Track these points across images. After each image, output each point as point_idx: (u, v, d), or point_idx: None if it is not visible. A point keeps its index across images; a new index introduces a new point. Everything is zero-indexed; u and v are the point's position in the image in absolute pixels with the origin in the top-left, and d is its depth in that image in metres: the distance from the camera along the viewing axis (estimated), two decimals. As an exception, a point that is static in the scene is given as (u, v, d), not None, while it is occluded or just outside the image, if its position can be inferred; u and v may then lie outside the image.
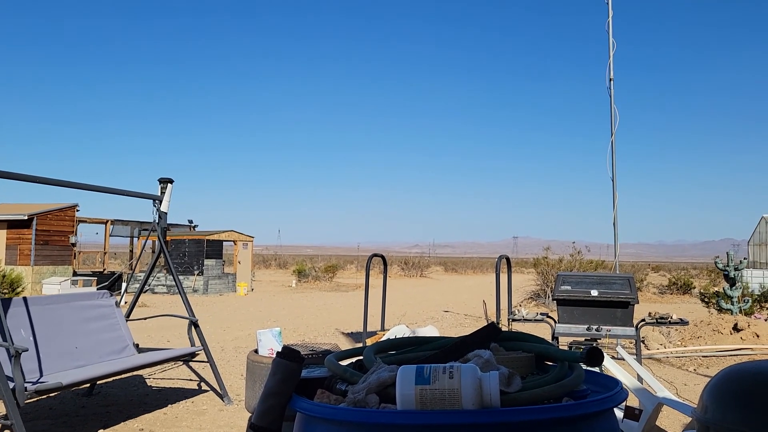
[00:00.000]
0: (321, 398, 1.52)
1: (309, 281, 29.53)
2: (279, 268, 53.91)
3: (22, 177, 4.71)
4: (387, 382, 1.42)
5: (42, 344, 4.83)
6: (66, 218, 20.92)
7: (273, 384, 1.55)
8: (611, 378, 1.59)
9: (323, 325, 12.22)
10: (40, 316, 4.97)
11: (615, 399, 1.36)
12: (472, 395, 1.26)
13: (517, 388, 1.36)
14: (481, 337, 1.70)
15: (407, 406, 1.29)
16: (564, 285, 6.16)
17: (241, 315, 14.27)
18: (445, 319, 14.27)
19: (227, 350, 8.85)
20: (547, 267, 18.92)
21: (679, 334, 9.92)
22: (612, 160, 8.82)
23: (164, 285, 21.32)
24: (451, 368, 1.31)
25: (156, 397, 5.91)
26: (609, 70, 8.75)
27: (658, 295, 23.47)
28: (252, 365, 4.53)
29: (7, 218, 19.61)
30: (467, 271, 59.00)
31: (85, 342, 5.23)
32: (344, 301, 19.31)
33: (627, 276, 6.18)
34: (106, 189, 5.63)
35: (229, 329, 11.40)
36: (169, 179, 6.25)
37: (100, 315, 5.56)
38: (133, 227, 24.04)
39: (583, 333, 5.88)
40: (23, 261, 19.57)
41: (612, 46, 8.78)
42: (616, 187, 8.94)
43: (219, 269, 22.78)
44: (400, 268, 43.04)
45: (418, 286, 30.28)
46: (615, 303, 5.99)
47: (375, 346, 1.78)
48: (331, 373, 1.63)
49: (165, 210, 6.23)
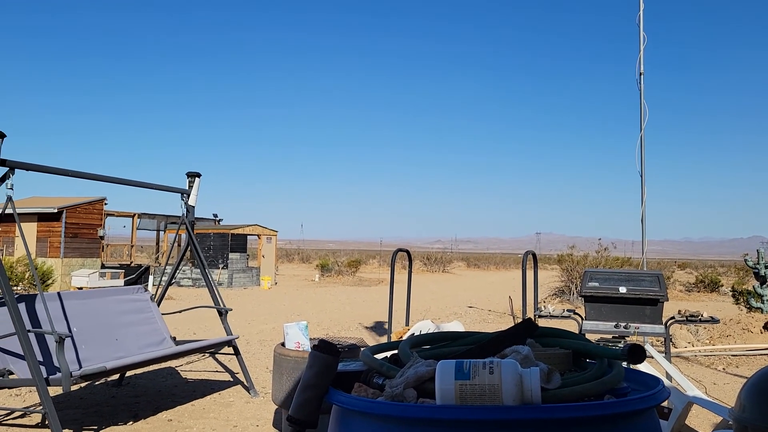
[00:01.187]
0: (358, 392, 1.52)
1: (332, 276, 29.64)
2: (302, 262, 54.20)
3: (52, 170, 4.79)
4: (425, 377, 1.42)
5: (84, 336, 4.93)
6: (94, 211, 21.24)
7: (310, 376, 1.55)
8: (651, 376, 1.57)
9: (347, 320, 12.26)
10: (79, 310, 5.07)
11: (657, 397, 1.34)
12: (513, 391, 1.25)
13: (557, 385, 1.35)
14: (518, 333, 1.68)
15: (447, 401, 1.29)
16: (592, 281, 6.10)
17: (266, 308, 14.37)
18: (469, 314, 14.23)
19: (252, 343, 8.92)
20: (571, 263, 18.75)
21: (707, 332, 9.77)
22: (641, 156, 8.69)
23: (190, 278, 21.56)
24: (491, 363, 1.30)
25: (184, 388, 5.99)
26: (639, 65, 8.61)
27: (684, 293, 23.14)
28: (279, 358, 4.55)
29: (37, 211, 19.97)
30: (490, 266, 58.75)
31: (124, 334, 5.32)
32: (367, 295, 19.35)
33: (656, 273, 6.09)
34: (135, 183, 5.70)
35: (253, 322, 11.49)
36: (197, 173, 6.31)
37: (136, 309, 5.65)
38: (159, 221, 24.34)
39: (610, 330, 5.81)
40: (53, 253, 19.92)
41: (642, 40, 8.64)
42: (644, 182, 8.82)
43: (243, 263, 22.97)
44: (422, 264, 43.01)
45: (441, 282, 30.22)
46: (644, 300, 5.91)
47: (410, 341, 1.78)
48: (368, 366, 1.64)
49: (193, 204, 6.29)
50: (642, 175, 8.86)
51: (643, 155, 8.80)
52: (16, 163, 4.35)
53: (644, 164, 8.77)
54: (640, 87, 8.73)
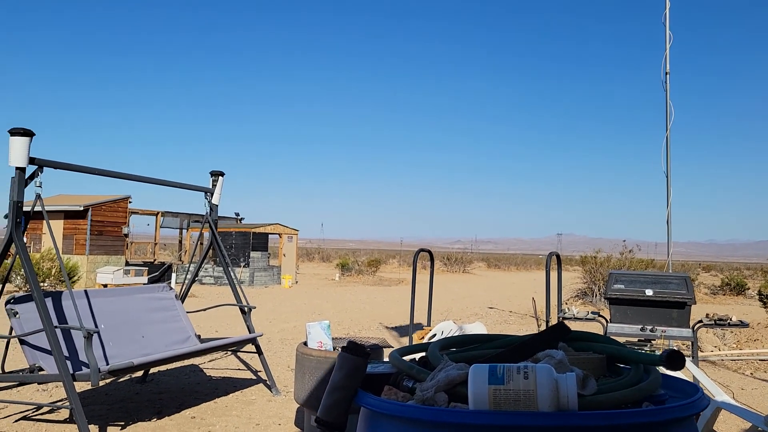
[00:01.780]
0: (388, 395, 1.50)
1: (352, 275, 29.67)
2: (322, 261, 54.35)
3: (80, 168, 4.84)
4: (456, 381, 1.39)
5: (111, 333, 4.99)
6: (119, 209, 21.50)
7: (339, 378, 1.53)
8: (689, 383, 1.52)
9: (367, 319, 12.26)
10: (106, 307, 5.13)
11: (697, 405, 1.30)
12: (548, 397, 1.23)
13: (593, 391, 1.32)
14: (550, 337, 1.65)
15: (480, 406, 1.26)
16: (617, 283, 6.01)
17: (287, 307, 14.43)
18: (490, 315, 14.15)
19: (273, 342, 8.95)
20: (595, 265, 18.55)
21: (734, 336, 9.60)
22: (667, 156, 8.57)
23: (212, 276, 21.72)
24: (525, 369, 1.27)
25: (207, 386, 6.02)
26: (665, 64, 8.49)
27: (710, 296, 22.79)
28: (301, 357, 4.55)
29: (64, 209, 20.26)
30: (510, 267, 58.41)
31: (150, 332, 5.37)
32: (387, 295, 19.34)
33: (683, 275, 5.99)
34: (160, 181, 5.74)
35: (275, 321, 11.54)
36: (221, 172, 6.34)
37: (161, 307, 5.70)
38: (182, 219, 24.56)
39: (636, 333, 5.73)
40: (79, 250, 20.20)
41: (668, 40, 8.51)
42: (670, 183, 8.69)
43: (264, 261, 23.09)
44: (442, 264, 42.89)
45: (461, 282, 30.11)
46: (671, 303, 5.82)
47: (439, 343, 1.75)
48: (397, 369, 1.62)
49: (216, 202, 6.32)
50: (668, 175, 8.73)
51: (668, 155, 8.67)
52: (44, 162, 4.40)
53: (670, 165, 8.65)
54: (666, 87, 8.61)
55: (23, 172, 4.24)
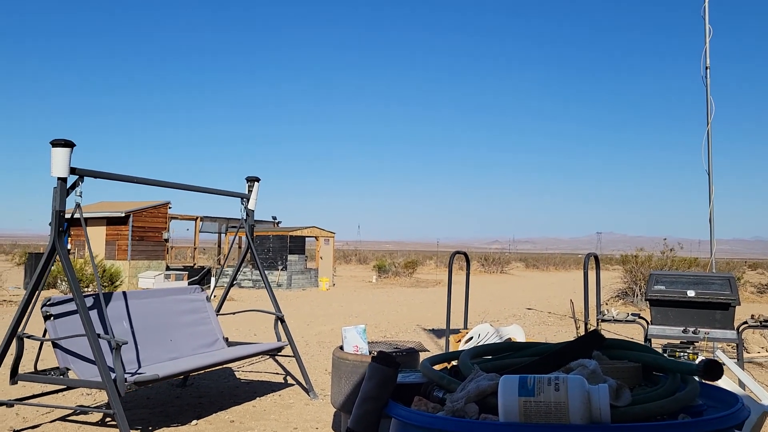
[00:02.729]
0: (418, 405, 1.49)
1: (389, 277, 29.68)
2: (359, 263, 54.52)
3: (119, 177, 4.95)
4: (487, 392, 1.38)
5: (140, 336, 5.08)
6: (159, 215, 21.95)
7: (369, 388, 1.53)
8: (729, 392, 1.48)
9: (404, 321, 12.24)
10: (137, 309, 5.23)
11: (737, 416, 1.26)
12: (580, 409, 1.20)
13: (627, 402, 1.29)
14: (583, 345, 1.62)
15: (510, 418, 1.25)
16: (658, 284, 5.88)
17: (324, 310, 14.51)
18: (528, 316, 13.99)
19: (311, 345, 9.01)
20: (635, 265, 18.19)
21: (783, 337, 9.28)
22: (708, 152, 8.35)
23: (250, 279, 21.99)
24: (556, 380, 1.25)
25: (245, 389, 6.09)
26: (705, 58, 8.28)
27: (756, 295, 22.12)
28: (337, 362, 4.57)
29: (106, 215, 20.80)
30: (549, 267, 57.67)
31: (179, 335, 5.46)
32: (424, 297, 19.29)
33: (727, 275, 5.83)
34: (198, 188, 5.84)
35: (312, 324, 11.61)
36: (256, 178, 6.41)
37: (192, 309, 5.79)
38: (220, 224, 24.94)
39: (678, 335, 5.59)
40: (121, 256, 20.69)
41: (708, 33, 8.30)
42: (712, 180, 8.47)
43: (302, 264, 23.27)
44: (480, 264, 42.59)
45: (499, 283, 29.86)
46: (714, 304, 5.67)
47: (471, 352, 1.74)
48: (427, 379, 1.61)
49: (252, 208, 6.40)
50: (709, 172, 8.51)
51: (710, 152, 8.45)
52: (85, 171, 4.51)
53: (711, 161, 8.43)
54: (706, 82, 8.39)
55: (65, 182, 4.35)
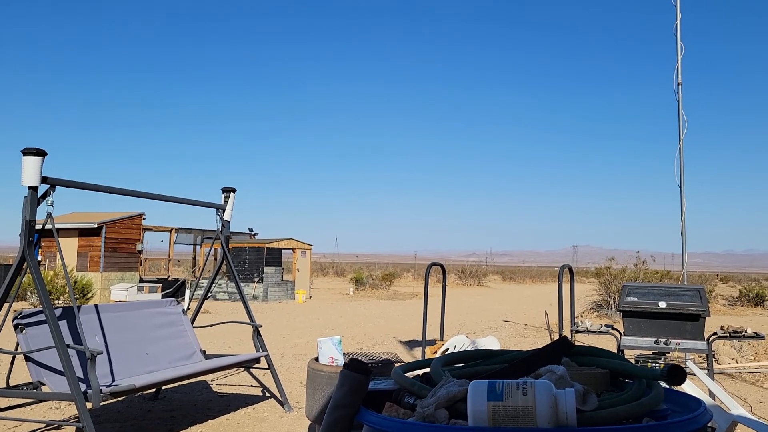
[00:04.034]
0: (389, 412, 1.50)
1: (366, 289, 29.63)
2: (336, 275, 54.34)
3: (92, 187, 4.90)
4: (457, 397, 1.39)
5: (115, 350, 5.00)
6: (133, 226, 21.68)
7: (341, 396, 1.53)
8: (693, 397, 1.51)
9: (381, 334, 12.22)
10: (112, 323, 5.15)
11: (699, 420, 1.29)
12: (547, 413, 1.22)
13: (594, 406, 1.31)
14: (552, 352, 1.64)
15: (479, 422, 1.26)
16: (630, 296, 5.96)
17: (300, 322, 14.43)
18: (505, 329, 14.06)
19: (287, 357, 8.95)
20: (609, 277, 18.40)
21: (752, 348, 9.46)
22: (680, 167, 8.51)
23: (225, 292, 21.79)
24: (524, 384, 1.27)
25: (219, 402, 6.03)
26: (677, 75, 8.46)
27: (727, 307, 22.50)
28: (312, 373, 4.55)
29: (78, 226, 20.48)
30: (526, 280, 58.04)
31: (155, 348, 5.39)
32: (402, 309, 19.28)
33: (697, 287, 5.93)
34: (172, 198, 5.79)
35: (288, 336, 11.54)
36: (232, 188, 6.38)
37: (168, 322, 5.72)
38: (195, 235, 24.72)
39: (650, 346, 5.67)
40: (93, 267, 20.37)
41: (680, 50, 8.49)
42: (684, 194, 8.63)
43: (278, 277, 23.13)
44: (457, 277, 42.72)
45: (476, 295, 29.97)
46: (685, 315, 5.76)
47: (442, 359, 1.75)
48: (399, 385, 1.61)
49: (228, 219, 6.36)
50: (681, 187, 8.67)
51: (681, 167, 8.61)
52: (56, 181, 4.45)
53: (683, 176, 8.59)
54: (678, 97, 8.56)
55: (36, 192, 4.29)
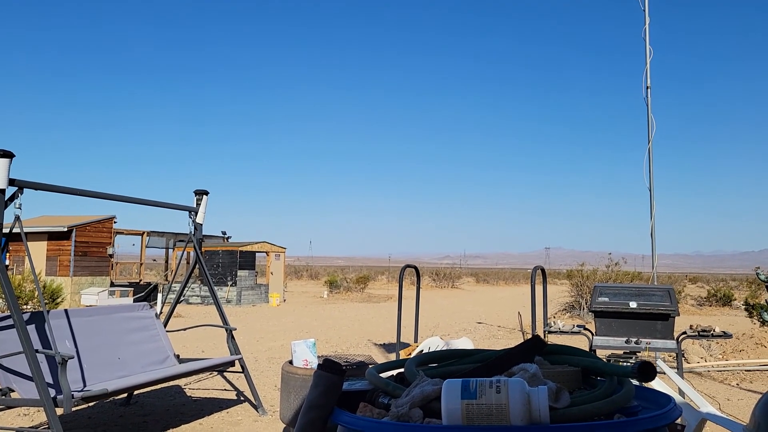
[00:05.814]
0: (364, 412, 1.50)
1: (341, 292, 29.57)
2: (310, 279, 54.12)
3: (61, 189, 4.81)
4: (431, 396, 1.39)
5: (86, 355, 4.91)
6: (104, 230, 21.34)
7: (315, 396, 1.53)
8: (663, 394, 1.54)
9: (356, 337, 12.21)
10: (83, 328, 5.06)
11: (669, 416, 1.31)
12: (520, 411, 1.23)
13: (566, 404, 1.32)
14: (526, 351, 1.66)
15: (453, 421, 1.27)
16: (601, 296, 6.04)
17: (274, 326, 14.34)
18: (479, 330, 14.14)
19: (261, 361, 8.88)
20: (581, 278, 18.62)
21: (720, 347, 9.65)
22: (649, 170, 8.66)
23: (198, 296, 21.57)
24: (498, 382, 1.28)
25: (192, 407, 5.96)
26: (645, 78, 8.61)
27: (696, 307, 22.92)
28: (287, 376, 4.53)
29: (47, 230, 20.08)
30: (499, 282, 58.46)
31: (127, 353, 5.30)
32: (376, 312, 19.28)
33: (667, 287, 6.04)
34: (144, 201, 5.72)
35: (262, 340, 11.46)
36: (205, 191, 6.32)
37: (141, 326, 5.64)
38: (168, 239, 24.40)
39: (621, 346, 5.75)
40: (63, 272, 19.99)
41: (649, 54, 8.64)
42: (653, 197, 8.78)
43: (252, 280, 22.96)
44: (431, 279, 42.86)
45: (450, 298, 30.09)
46: (655, 315, 5.85)
47: (416, 359, 1.75)
48: (373, 386, 1.61)
49: (201, 221, 6.30)
50: (650, 189, 8.82)
51: (651, 169, 8.76)
52: (24, 183, 4.37)
53: (653, 178, 8.73)
54: (647, 101, 8.72)
55: (3, 194, 4.20)
